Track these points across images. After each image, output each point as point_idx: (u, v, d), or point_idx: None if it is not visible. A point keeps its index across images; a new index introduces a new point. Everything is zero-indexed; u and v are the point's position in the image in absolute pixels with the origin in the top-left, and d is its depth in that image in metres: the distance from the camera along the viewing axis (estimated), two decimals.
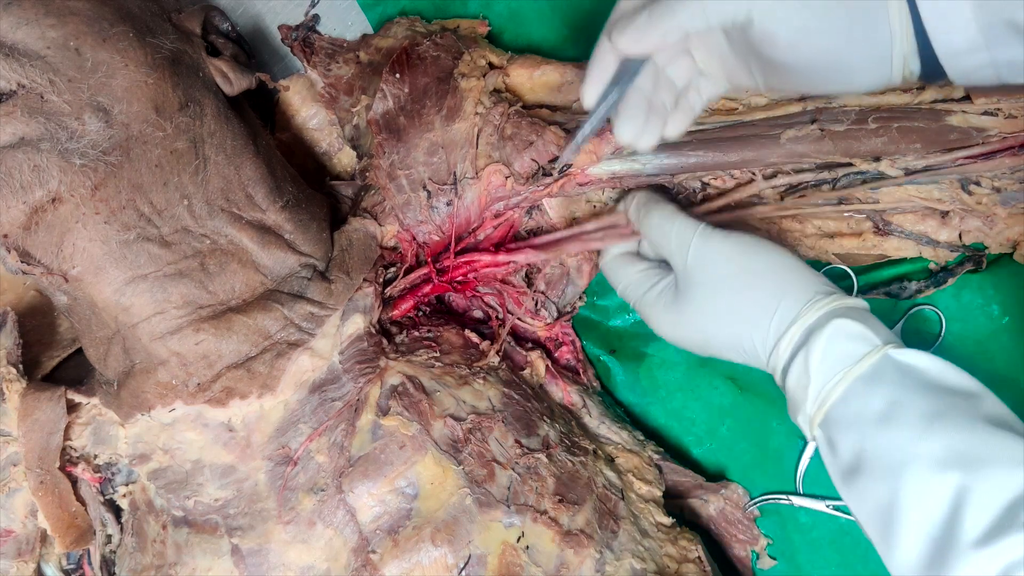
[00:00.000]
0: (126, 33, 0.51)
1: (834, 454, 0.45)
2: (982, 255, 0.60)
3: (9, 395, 0.55)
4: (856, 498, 0.44)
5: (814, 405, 0.46)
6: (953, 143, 0.57)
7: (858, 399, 0.44)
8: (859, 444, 0.43)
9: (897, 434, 0.42)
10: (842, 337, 0.45)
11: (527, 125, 0.60)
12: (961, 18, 0.41)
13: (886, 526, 0.41)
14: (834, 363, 0.45)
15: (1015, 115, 0.56)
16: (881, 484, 0.42)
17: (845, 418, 0.44)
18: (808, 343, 0.46)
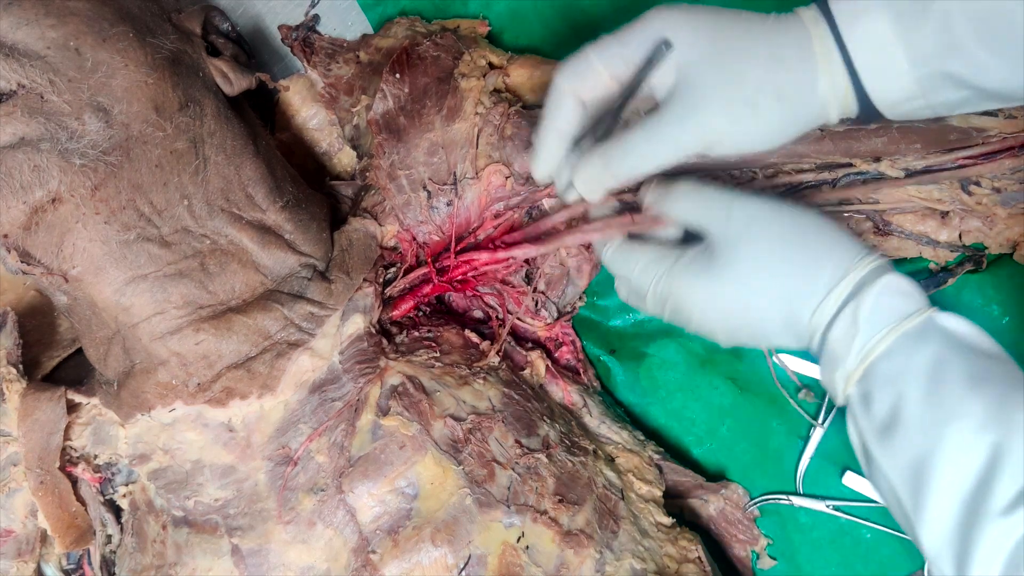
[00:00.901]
0: (126, 33, 0.51)
1: (868, 410, 0.44)
2: (982, 255, 0.60)
3: (9, 395, 0.55)
4: (889, 454, 0.43)
5: (857, 358, 0.45)
6: (953, 143, 0.57)
7: (904, 354, 0.44)
8: (899, 400, 0.43)
9: (941, 392, 0.42)
10: (892, 292, 0.45)
11: (527, 125, 0.60)
12: (898, 73, 0.44)
13: (918, 483, 0.41)
14: (883, 317, 0.44)
15: (1015, 115, 0.56)
16: (919, 440, 0.41)
17: (888, 372, 0.44)
18: (859, 296, 0.45)
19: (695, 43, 0.45)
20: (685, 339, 0.67)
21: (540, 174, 0.52)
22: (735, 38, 0.46)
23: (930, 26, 0.43)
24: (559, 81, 0.48)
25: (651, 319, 0.68)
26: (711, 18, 0.46)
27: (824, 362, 0.47)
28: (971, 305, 0.61)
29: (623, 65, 0.47)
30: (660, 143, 0.47)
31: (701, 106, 0.46)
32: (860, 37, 0.44)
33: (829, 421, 0.63)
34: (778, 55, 0.46)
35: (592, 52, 0.47)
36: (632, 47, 0.46)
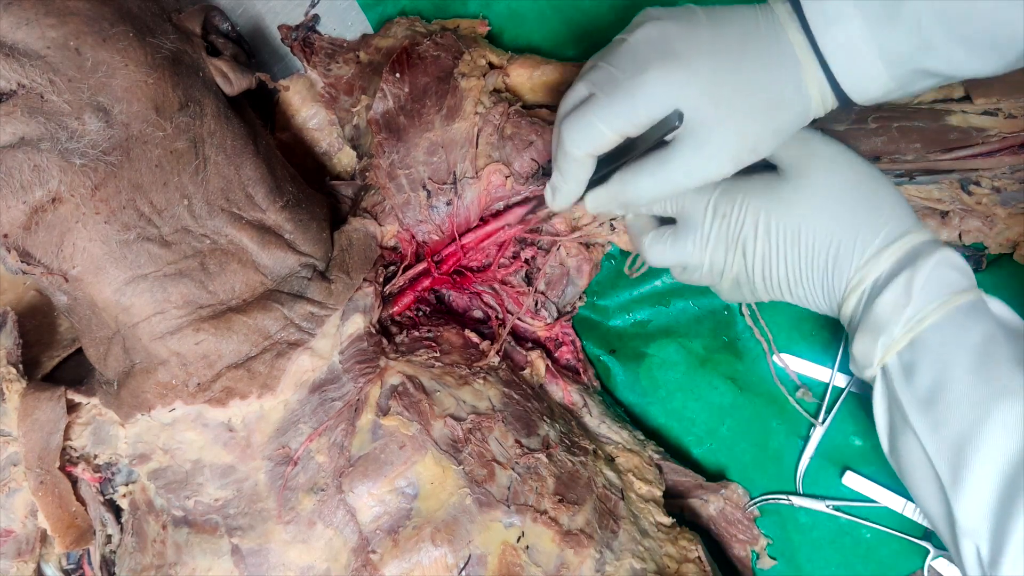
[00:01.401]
0: (126, 33, 0.51)
1: (911, 380, 0.44)
2: (982, 255, 0.60)
3: (9, 395, 0.55)
4: (931, 426, 0.43)
5: (905, 327, 0.45)
6: (953, 143, 0.57)
7: (954, 328, 0.44)
8: (946, 372, 0.43)
9: (991, 368, 0.42)
10: (948, 266, 0.45)
11: (527, 125, 0.60)
12: (874, 74, 0.45)
13: (960, 458, 0.42)
14: (937, 289, 0.45)
15: (1015, 115, 0.57)
16: (965, 414, 0.42)
17: (935, 344, 0.44)
18: (915, 264, 0.45)
19: (700, 103, 0.46)
20: (685, 339, 0.67)
21: (558, 210, 0.56)
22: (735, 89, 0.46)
23: (902, 28, 0.43)
24: (570, 148, 0.49)
25: (651, 319, 0.68)
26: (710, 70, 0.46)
27: (865, 328, 0.47)
28: None
29: (631, 128, 0.48)
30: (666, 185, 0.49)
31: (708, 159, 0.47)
32: (835, 43, 0.45)
33: (829, 420, 0.63)
34: (776, 96, 0.47)
35: (599, 121, 0.48)
36: (641, 115, 0.47)
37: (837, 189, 0.49)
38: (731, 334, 0.66)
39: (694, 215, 0.53)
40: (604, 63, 0.48)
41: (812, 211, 0.48)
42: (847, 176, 0.49)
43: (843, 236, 0.48)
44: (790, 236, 0.49)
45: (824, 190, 0.49)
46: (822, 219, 0.48)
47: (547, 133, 0.60)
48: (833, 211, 0.48)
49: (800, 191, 0.49)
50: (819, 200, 0.49)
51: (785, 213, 0.49)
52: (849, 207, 0.48)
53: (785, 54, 0.46)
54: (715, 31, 0.47)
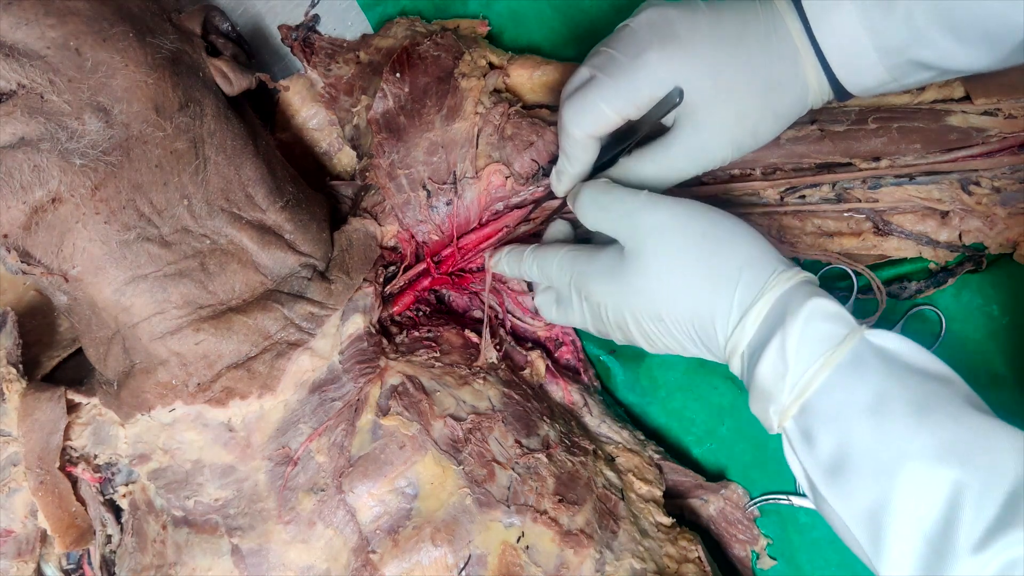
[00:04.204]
0: (126, 33, 0.51)
1: (812, 449, 0.41)
2: (982, 255, 0.60)
3: (9, 395, 0.55)
4: (841, 496, 0.40)
5: (791, 395, 0.42)
6: (953, 143, 0.57)
7: (842, 389, 0.40)
8: (845, 438, 0.40)
9: (889, 428, 0.39)
10: (819, 317, 0.41)
11: (527, 125, 0.60)
12: (869, 65, 0.45)
13: (876, 526, 0.39)
14: (813, 347, 0.41)
15: (1015, 115, 0.57)
16: (872, 482, 0.39)
17: (827, 409, 0.41)
18: (784, 325, 0.42)
19: (699, 84, 0.46)
20: None
21: (562, 194, 0.56)
22: (734, 71, 0.47)
23: (896, 19, 0.44)
24: (572, 129, 0.50)
25: None
26: (710, 51, 0.47)
27: (753, 396, 0.44)
28: (971, 305, 0.61)
29: (633, 109, 0.48)
30: (669, 171, 0.49)
31: (709, 143, 0.48)
32: (831, 33, 0.46)
33: None
34: (774, 79, 0.47)
35: (601, 101, 0.48)
36: (642, 94, 0.47)
37: (676, 264, 0.45)
38: None
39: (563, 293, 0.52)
40: (606, 47, 0.49)
41: (660, 294, 0.46)
42: (682, 246, 0.45)
43: (697, 313, 0.45)
44: (653, 318, 0.47)
45: (664, 269, 0.45)
46: (673, 300, 0.45)
47: (547, 133, 0.60)
48: (679, 289, 0.45)
49: (641, 275, 0.46)
50: (661, 282, 0.46)
51: (637, 299, 0.47)
52: (695, 282, 0.45)
53: (783, 41, 0.47)
54: (715, 17, 0.47)
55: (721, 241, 0.45)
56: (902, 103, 0.59)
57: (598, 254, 0.49)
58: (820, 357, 0.41)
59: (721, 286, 0.44)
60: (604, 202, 0.49)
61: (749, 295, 0.43)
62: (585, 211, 0.51)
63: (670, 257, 0.45)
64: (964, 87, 0.58)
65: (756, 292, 0.43)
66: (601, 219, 0.49)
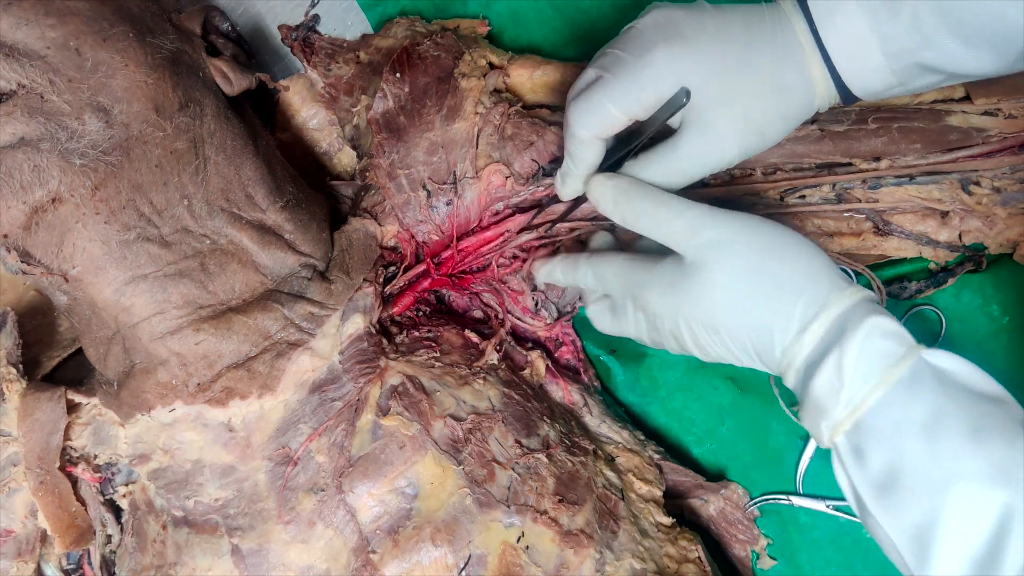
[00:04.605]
0: (126, 33, 0.51)
1: (862, 465, 0.41)
2: (982, 255, 0.60)
3: (9, 395, 0.55)
4: (889, 513, 0.40)
5: (845, 410, 0.42)
6: (953, 143, 0.57)
7: (898, 407, 0.40)
8: (897, 456, 0.40)
9: (941, 447, 0.39)
10: (878, 336, 0.41)
11: (527, 125, 0.60)
12: (875, 68, 0.45)
13: (924, 545, 0.39)
14: (871, 365, 0.41)
15: (1015, 115, 0.57)
16: (922, 500, 0.39)
17: (881, 427, 0.41)
18: (842, 341, 0.42)
19: (706, 84, 0.46)
20: None
21: (567, 197, 0.55)
22: (740, 72, 0.47)
23: (902, 22, 0.44)
24: (577, 130, 0.49)
25: None
26: (716, 52, 0.46)
27: (806, 409, 0.44)
28: (971, 305, 0.61)
29: (639, 109, 0.48)
30: (676, 173, 0.49)
31: (715, 144, 0.47)
32: (837, 36, 0.46)
33: None
34: (781, 80, 0.47)
35: (607, 101, 0.48)
36: (648, 94, 0.47)
37: (741, 279, 0.45)
38: None
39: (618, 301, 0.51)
40: (612, 48, 0.49)
41: (720, 308, 0.45)
42: (750, 260, 0.45)
43: (757, 326, 0.45)
44: (710, 330, 0.46)
45: (724, 284, 0.45)
46: (733, 313, 0.45)
47: (547, 133, 0.60)
48: (740, 303, 0.45)
49: (703, 287, 0.46)
50: (724, 296, 0.45)
51: (698, 310, 0.46)
52: (757, 296, 0.45)
53: (790, 43, 0.47)
54: (722, 19, 0.47)
55: (783, 257, 0.45)
56: (902, 103, 0.59)
57: (656, 265, 0.49)
58: (877, 374, 0.41)
59: (782, 301, 0.44)
60: (662, 215, 0.48)
61: (810, 311, 0.43)
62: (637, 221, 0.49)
63: (733, 271, 0.45)
64: (964, 87, 0.58)
65: (817, 308, 0.43)
66: (654, 230, 0.49)
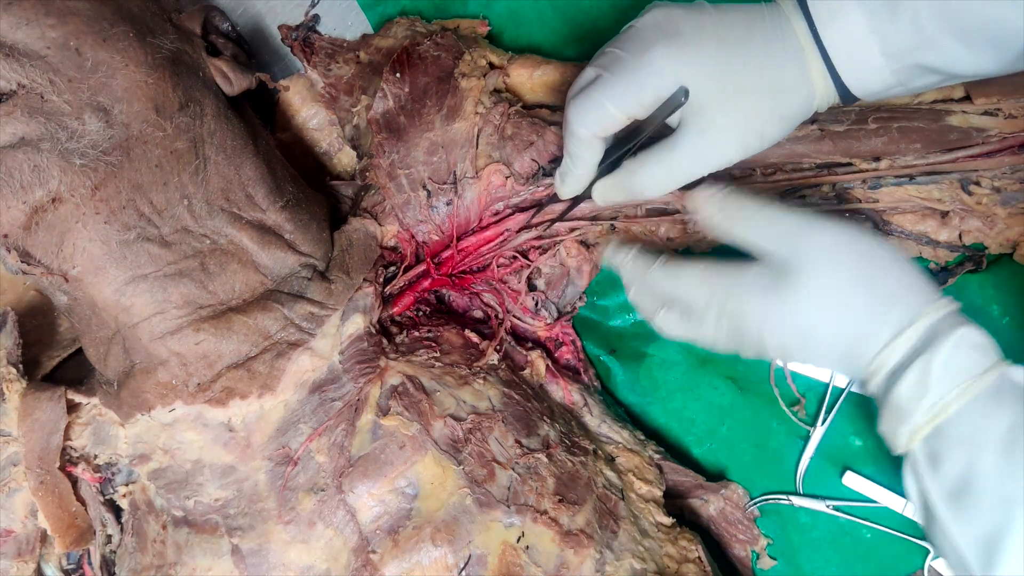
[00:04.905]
0: (126, 33, 0.51)
1: (937, 471, 0.42)
2: (982, 255, 0.60)
3: (9, 395, 0.55)
4: (959, 520, 0.41)
5: (927, 416, 0.42)
6: (953, 143, 0.57)
7: (979, 417, 0.41)
8: (972, 465, 0.41)
9: (1017, 461, 0.40)
10: (967, 346, 0.42)
11: (527, 125, 0.60)
12: (874, 68, 0.45)
13: (990, 554, 0.40)
14: (956, 374, 0.42)
15: (1015, 115, 0.56)
16: (993, 510, 0.40)
17: (960, 435, 0.42)
18: (931, 349, 0.42)
19: (704, 83, 0.46)
20: None
21: (566, 196, 0.56)
22: (739, 71, 0.46)
23: (902, 23, 0.44)
24: (577, 128, 0.49)
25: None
26: (715, 51, 0.46)
27: (887, 413, 0.45)
28: (971, 305, 0.61)
29: (638, 108, 0.48)
30: (675, 173, 0.49)
31: (714, 143, 0.47)
32: (837, 37, 0.46)
33: (829, 421, 0.63)
34: (780, 80, 0.47)
35: (606, 100, 0.48)
36: (647, 92, 0.47)
37: (838, 285, 0.45)
38: None
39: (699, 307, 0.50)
40: (611, 47, 0.49)
41: (817, 313, 0.46)
42: (847, 268, 0.46)
43: (851, 334, 0.45)
44: (798, 338, 0.46)
45: (826, 290, 0.45)
46: (828, 319, 0.45)
47: (547, 133, 0.60)
48: (838, 309, 0.45)
49: (800, 293, 0.46)
50: (822, 301, 0.45)
51: (790, 317, 0.46)
52: (854, 303, 0.45)
53: (790, 43, 0.47)
54: (721, 18, 0.47)
55: (881, 267, 0.45)
56: (902, 103, 0.59)
57: (744, 271, 0.48)
58: (962, 383, 0.42)
59: (878, 309, 0.45)
60: (759, 221, 0.48)
61: (904, 319, 0.44)
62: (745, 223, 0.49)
63: (832, 279, 0.45)
64: (964, 87, 0.58)
65: (911, 317, 0.44)
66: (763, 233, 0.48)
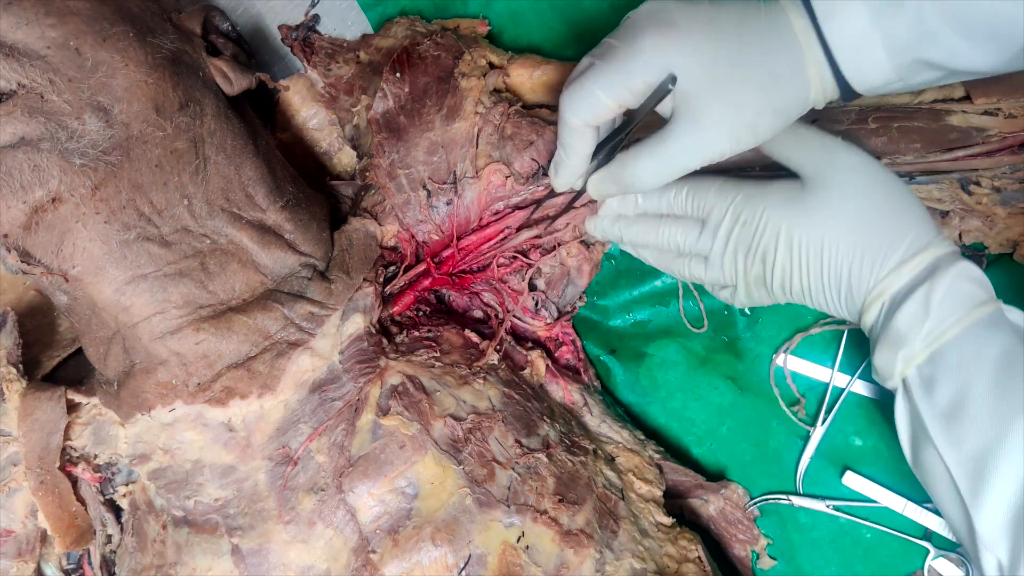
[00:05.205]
0: (126, 33, 0.51)
1: (931, 394, 0.45)
2: (982, 255, 0.60)
3: (9, 395, 0.55)
4: (952, 440, 0.44)
5: (925, 341, 0.45)
6: (953, 142, 0.57)
7: (975, 343, 0.44)
8: (966, 387, 0.43)
9: (1010, 383, 0.42)
10: (967, 279, 0.45)
11: (527, 125, 0.60)
12: (876, 63, 0.46)
13: (980, 471, 0.42)
14: (956, 303, 0.45)
15: (1015, 115, 0.57)
16: (985, 429, 0.42)
17: (956, 359, 0.44)
18: (934, 278, 0.45)
19: (695, 73, 0.46)
20: (685, 339, 0.67)
21: (561, 188, 0.55)
22: (732, 62, 0.47)
23: (905, 18, 0.44)
24: (569, 117, 0.50)
25: (651, 319, 0.68)
26: (707, 41, 0.46)
27: (883, 342, 0.47)
28: None
29: (629, 96, 0.48)
30: (667, 165, 0.49)
31: (706, 135, 0.47)
32: (840, 31, 0.45)
33: (829, 421, 0.63)
34: (774, 72, 0.47)
35: (597, 88, 0.48)
36: (636, 80, 0.47)
37: (861, 202, 0.48)
38: (731, 334, 0.66)
39: (714, 216, 0.53)
40: (608, 38, 0.49)
41: (835, 225, 0.48)
42: (871, 189, 0.48)
43: (864, 249, 0.47)
44: (812, 248, 0.49)
45: (848, 204, 0.48)
46: (845, 233, 0.48)
47: (547, 132, 0.60)
48: (856, 225, 0.48)
49: (823, 204, 0.48)
50: (843, 214, 0.48)
51: (808, 226, 0.49)
52: (872, 220, 0.48)
53: (784, 36, 0.47)
54: (716, 10, 0.47)
55: (898, 197, 0.49)
56: (902, 102, 0.59)
57: (769, 182, 0.51)
58: (961, 311, 0.45)
59: (892, 234, 0.47)
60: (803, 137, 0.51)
61: (914, 247, 0.47)
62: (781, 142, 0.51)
63: (855, 196, 0.48)
64: (964, 87, 0.58)
65: (920, 246, 0.47)
66: (797, 150, 0.51)
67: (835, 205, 0.48)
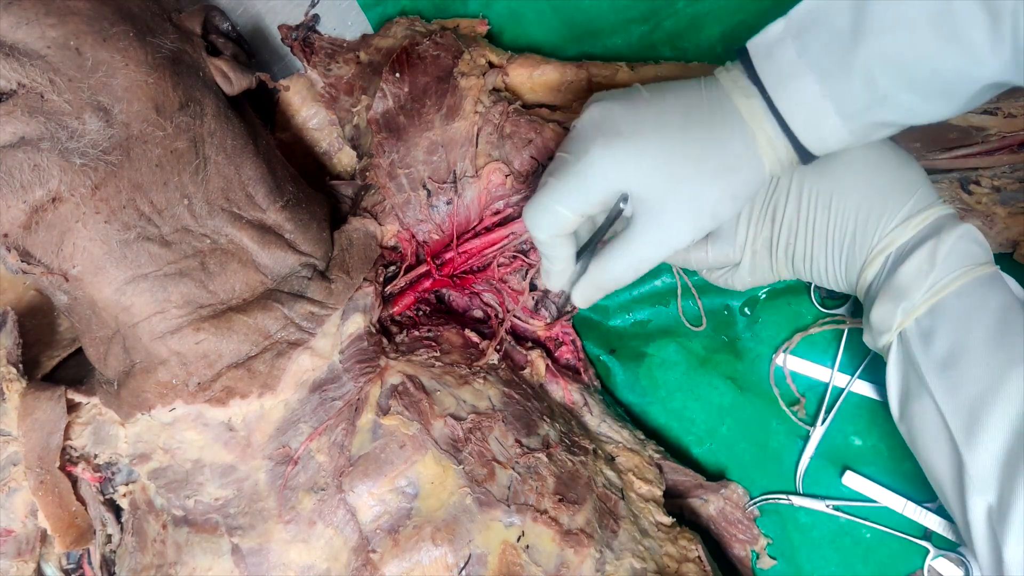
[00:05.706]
0: (126, 33, 0.51)
1: (929, 344, 0.47)
2: None
3: (9, 395, 0.55)
4: (947, 386, 0.46)
5: (926, 294, 0.47)
6: (952, 142, 0.57)
7: (975, 296, 0.47)
8: (965, 337, 0.46)
9: (1006, 336, 0.45)
10: (970, 239, 0.48)
11: (526, 123, 0.60)
12: (832, 129, 0.46)
13: (974, 417, 0.44)
14: (959, 259, 0.47)
15: (1014, 114, 0.57)
16: (980, 377, 0.44)
17: (956, 311, 0.46)
18: (940, 235, 0.48)
19: (648, 176, 0.47)
20: (685, 339, 0.67)
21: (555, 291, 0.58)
22: (682, 158, 0.47)
23: (855, 83, 0.44)
24: (536, 233, 0.51)
25: (651, 319, 0.68)
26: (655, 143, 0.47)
27: (884, 295, 0.49)
28: None
29: (587, 206, 0.49)
30: (636, 262, 0.50)
31: (668, 230, 0.48)
32: (792, 101, 0.46)
33: (829, 421, 0.63)
34: (725, 159, 0.47)
35: (556, 204, 0.49)
36: (592, 192, 0.48)
37: (871, 160, 0.50)
38: (731, 334, 0.66)
39: None
40: (560, 151, 0.50)
41: (846, 179, 0.51)
42: (880, 149, 0.51)
43: (873, 203, 0.50)
44: (821, 201, 0.51)
45: (859, 160, 0.51)
46: (855, 186, 0.50)
47: (546, 131, 0.60)
48: (866, 180, 0.50)
49: (835, 159, 0.50)
50: (853, 169, 0.51)
51: (818, 179, 0.51)
52: (881, 177, 0.50)
53: (731, 120, 0.47)
54: (658, 106, 0.48)
55: (906, 159, 0.51)
56: None
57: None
58: (963, 267, 0.47)
59: (902, 188, 0.50)
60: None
61: (919, 205, 0.50)
62: None
63: (871, 151, 0.51)
64: None
65: (925, 205, 0.50)
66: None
67: (848, 162, 0.51)
